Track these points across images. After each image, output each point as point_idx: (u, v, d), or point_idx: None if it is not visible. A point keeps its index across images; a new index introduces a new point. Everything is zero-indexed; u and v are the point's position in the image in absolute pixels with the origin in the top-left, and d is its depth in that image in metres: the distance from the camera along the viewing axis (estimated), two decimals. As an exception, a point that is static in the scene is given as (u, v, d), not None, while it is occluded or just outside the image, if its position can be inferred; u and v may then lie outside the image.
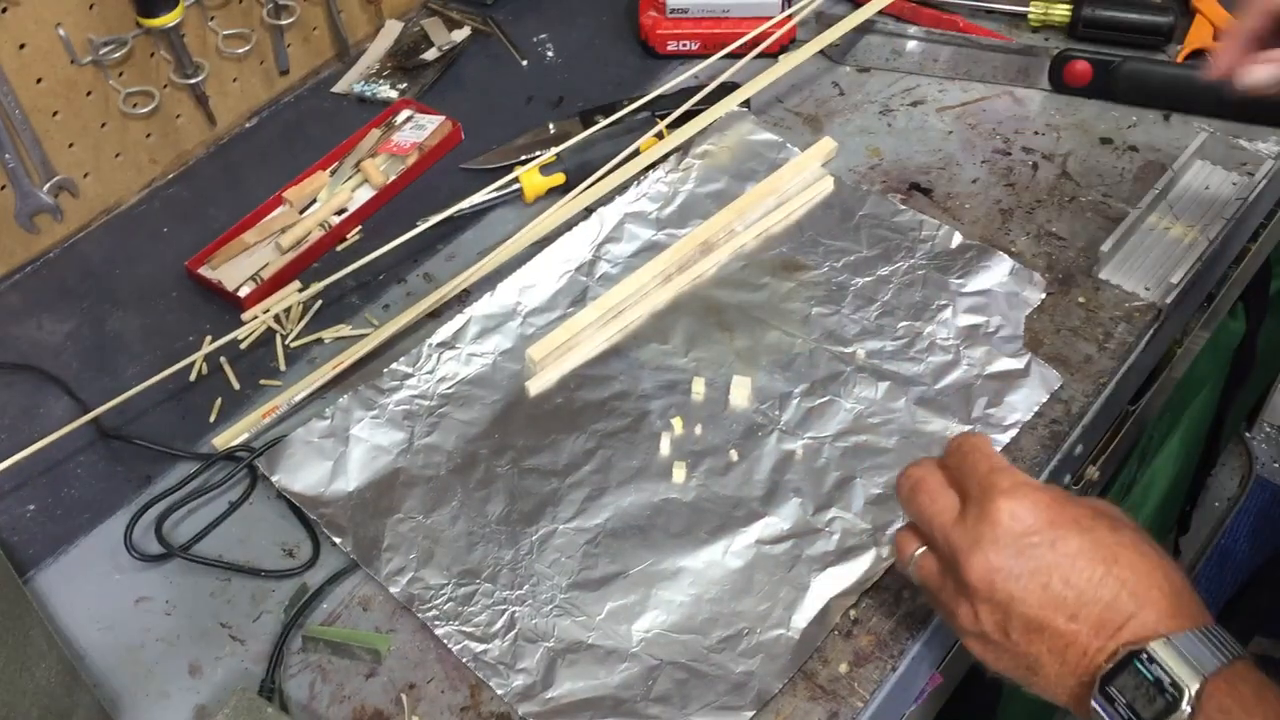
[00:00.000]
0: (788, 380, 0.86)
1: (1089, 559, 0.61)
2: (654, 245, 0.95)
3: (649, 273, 0.92)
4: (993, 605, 0.63)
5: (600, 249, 0.96)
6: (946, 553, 0.65)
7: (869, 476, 0.81)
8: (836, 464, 0.82)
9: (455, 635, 0.75)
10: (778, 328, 0.90)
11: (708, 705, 0.71)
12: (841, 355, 0.88)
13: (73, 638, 0.77)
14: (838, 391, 0.86)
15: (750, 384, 0.86)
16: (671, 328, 0.90)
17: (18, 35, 0.90)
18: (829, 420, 0.84)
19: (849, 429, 0.84)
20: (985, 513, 0.63)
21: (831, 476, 0.81)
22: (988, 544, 0.62)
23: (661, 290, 0.92)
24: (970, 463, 0.65)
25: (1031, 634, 0.62)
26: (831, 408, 0.85)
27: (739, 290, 0.92)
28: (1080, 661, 0.61)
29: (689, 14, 1.11)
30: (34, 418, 0.89)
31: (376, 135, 1.06)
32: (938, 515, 0.65)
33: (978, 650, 0.66)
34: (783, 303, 0.91)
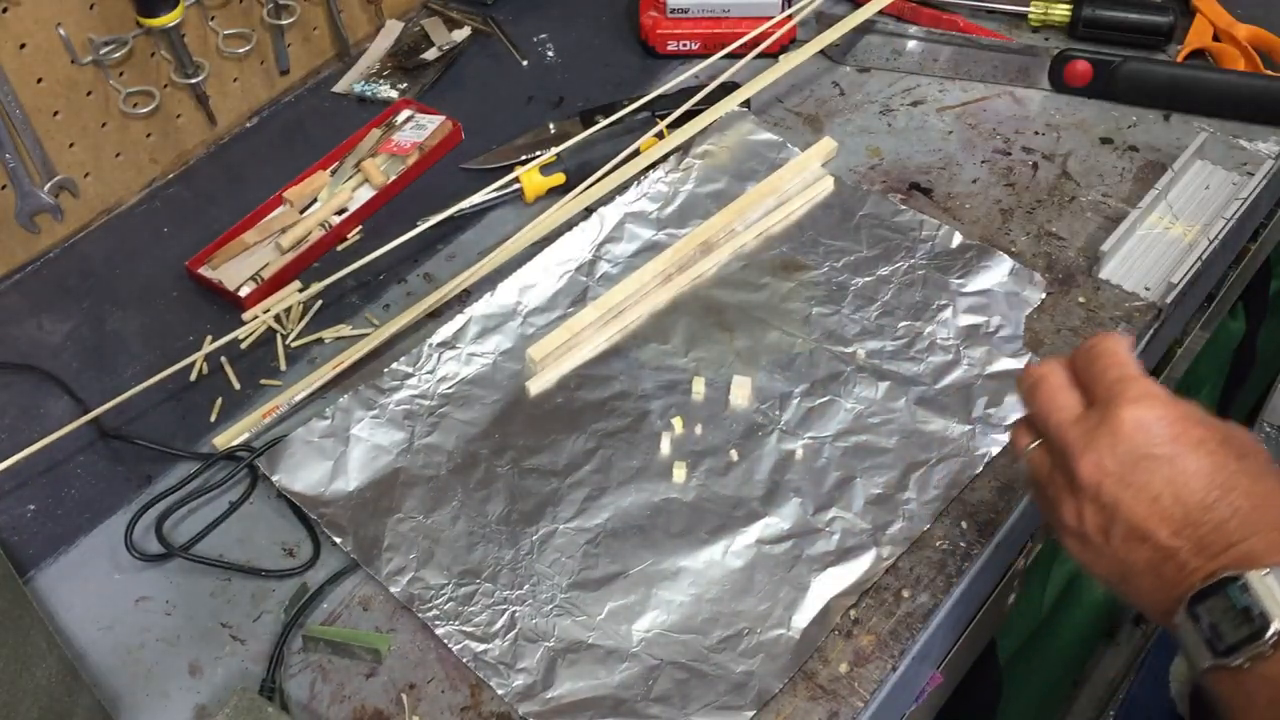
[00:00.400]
0: (788, 380, 0.86)
1: (1205, 481, 0.60)
2: (654, 245, 0.95)
3: (649, 273, 0.92)
4: (1098, 507, 0.62)
5: (600, 249, 0.96)
6: (1060, 449, 0.64)
7: (869, 476, 0.81)
8: (837, 464, 0.82)
9: (455, 635, 0.75)
10: (778, 328, 0.90)
11: (708, 705, 0.71)
12: (842, 355, 0.88)
13: (73, 638, 0.77)
14: (838, 391, 0.86)
15: (750, 384, 0.86)
16: (672, 328, 0.90)
17: (18, 35, 0.90)
18: (829, 420, 0.84)
19: (849, 429, 0.84)
20: (1108, 417, 0.62)
21: (832, 476, 0.81)
22: (1105, 447, 0.62)
23: (662, 290, 0.92)
24: (1100, 366, 0.64)
25: (1132, 542, 0.62)
26: (832, 408, 0.85)
27: (739, 290, 0.92)
28: (1176, 577, 0.60)
29: (689, 14, 1.11)
30: (34, 418, 0.89)
31: (377, 135, 1.06)
32: (1056, 412, 0.65)
33: (1075, 549, 0.65)
34: (783, 303, 0.91)
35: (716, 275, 0.94)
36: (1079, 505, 0.64)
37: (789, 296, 0.92)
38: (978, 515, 0.79)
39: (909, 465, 0.81)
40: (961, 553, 0.78)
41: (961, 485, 0.80)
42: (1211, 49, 1.09)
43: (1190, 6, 1.12)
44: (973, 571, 0.78)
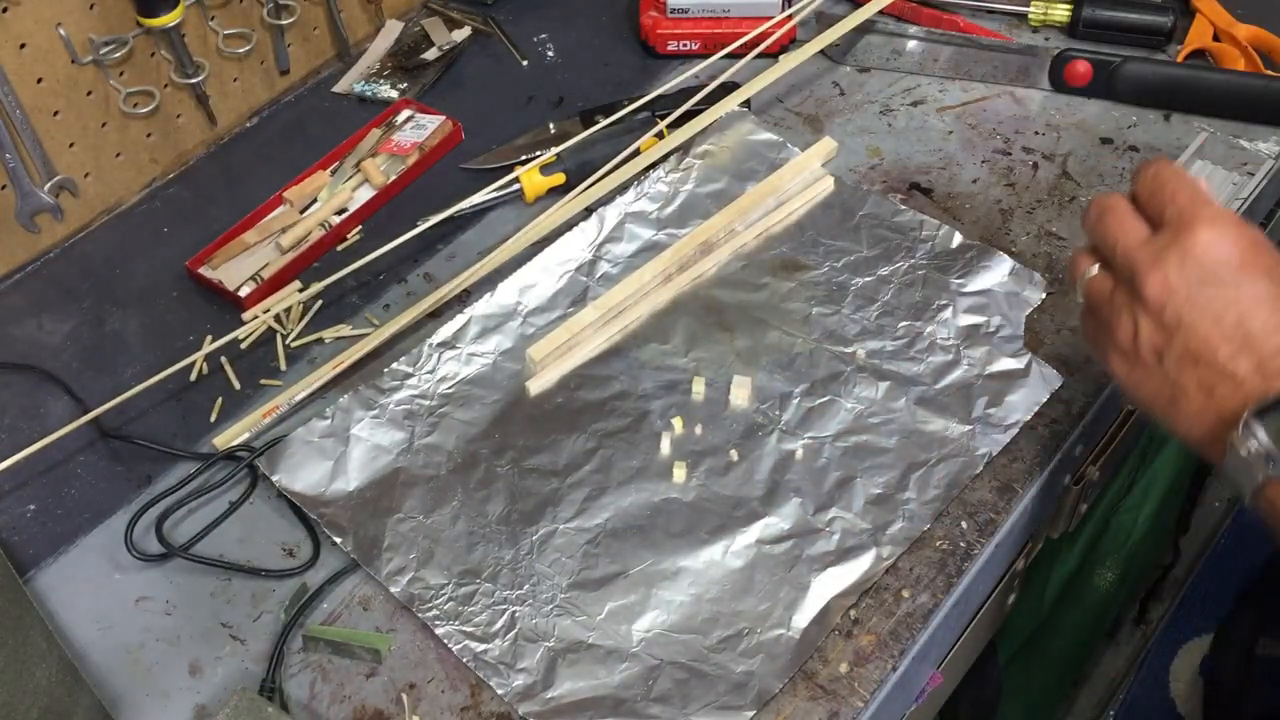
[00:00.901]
0: (788, 380, 0.86)
1: (1271, 307, 0.60)
2: (654, 245, 0.95)
3: (649, 273, 0.92)
4: (1159, 326, 0.62)
5: (600, 249, 0.96)
6: (1127, 269, 0.64)
7: (869, 476, 0.81)
8: (837, 464, 0.82)
9: (455, 635, 0.75)
10: (778, 328, 0.90)
11: (708, 705, 0.71)
12: (842, 355, 0.88)
13: (73, 638, 0.77)
14: (838, 391, 0.86)
15: (750, 384, 0.86)
16: (672, 328, 0.90)
17: (18, 35, 0.90)
18: (829, 420, 0.84)
19: (849, 429, 0.84)
20: (1180, 237, 0.62)
21: (832, 476, 0.81)
22: (1174, 266, 0.62)
23: (662, 290, 0.92)
24: (1170, 190, 0.64)
25: (1186, 364, 0.62)
26: (832, 408, 0.85)
27: (739, 290, 0.92)
28: (1230, 397, 0.60)
29: (689, 14, 1.11)
30: (34, 418, 0.89)
31: (377, 135, 1.06)
32: (1125, 236, 0.65)
33: (1122, 372, 0.65)
34: (783, 303, 0.91)
35: (716, 275, 0.94)
36: (1136, 323, 0.63)
37: (789, 296, 0.92)
38: (978, 515, 0.80)
39: (909, 465, 0.81)
40: (961, 553, 0.78)
41: (961, 485, 0.80)
42: (1211, 49, 1.09)
43: (1190, 6, 1.12)
44: (973, 571, 0.78)
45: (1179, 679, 1.60)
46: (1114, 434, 0.98)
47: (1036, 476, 0.82)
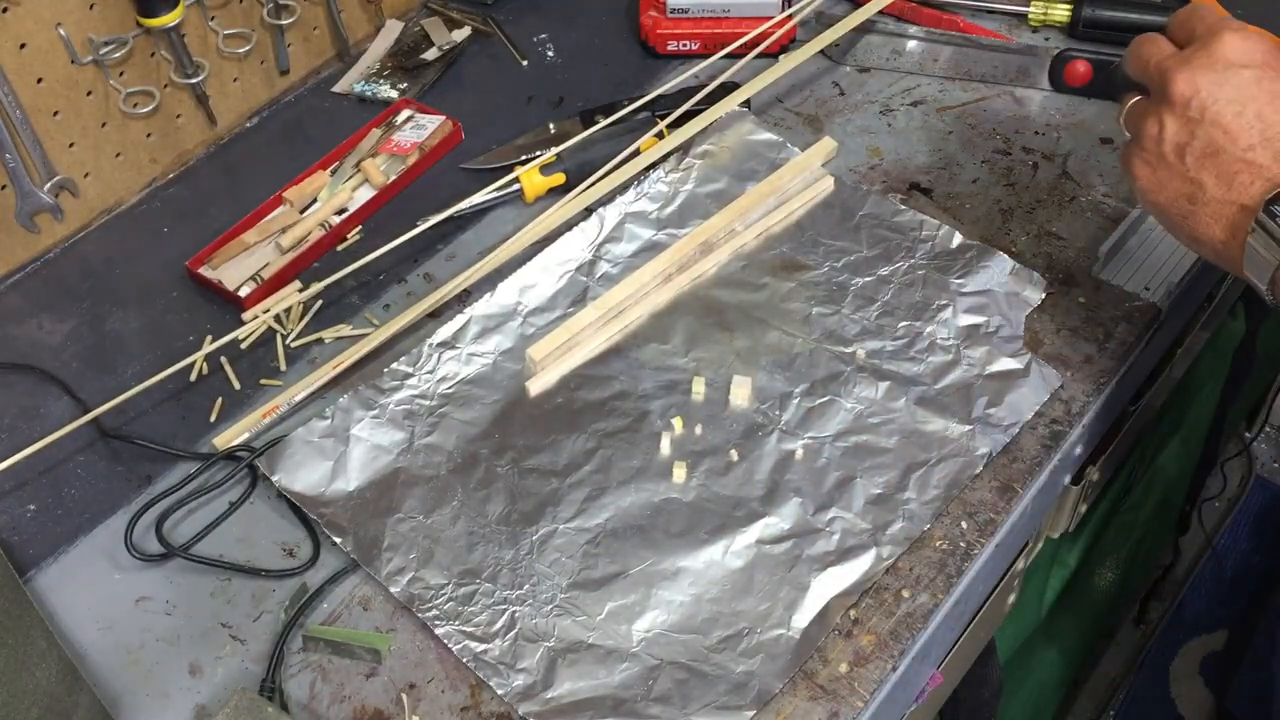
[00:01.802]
0: (788, 380, 0.86)
1: None
2: (654, 245, 0.95)
3: (649, 273, 0.92)
4: (1184, 121, 0.67)
5: (600, 249, 0.96)
6: (1158, 76, 0.69)
7: (869, 476, 0.81)
8: (837, 464, 0.82)
9: (455, 635, 0.75)
10: (778, 328, 0.90)
11: (708, 705, 0.71)
12: (842, 355, 0.88)
13: (73, 638, 0.77)
14: (838, 391, 0.86)
15: (750, 384, 0.86)
16: (671, 328, 0.90)
17: (18, 35, 0.90)
18: (829, 420, 0.84)
19: (849, 429, 0.84)
20: (1207, 44, 0.67)
21: (832, 476, 0.81)
22: (1200, 66, 0.66)
23: (661, 290, 0.92)
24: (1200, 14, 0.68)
25: (1206, 159, 0.65)
26: (832, 408, 0.85)
27: (739, 290, 0.92)
28: (1249, 185, 0.64)
29: (689, 14, 1.11)
30: (34, 418, 0.89)
31: (377, 135, 1.06)
32: (1157, 52, 0.69)
33: (1145, 175, 0.69)
34: (783, 303, 0.91)
35: (716, 275, 0.94)
36: (1162, 121, 0.68)
37: (789, 296, 0.92)
38: (978, 515, 0.80)
39: (909, 465, 0.81)
40: (961, 553, 0.78)
41: (961, 485, 0.80)
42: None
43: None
44: (973, 571, 0.78)
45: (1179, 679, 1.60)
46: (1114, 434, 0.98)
47: (1036, 476, 0.82)
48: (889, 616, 0.75)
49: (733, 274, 0.94)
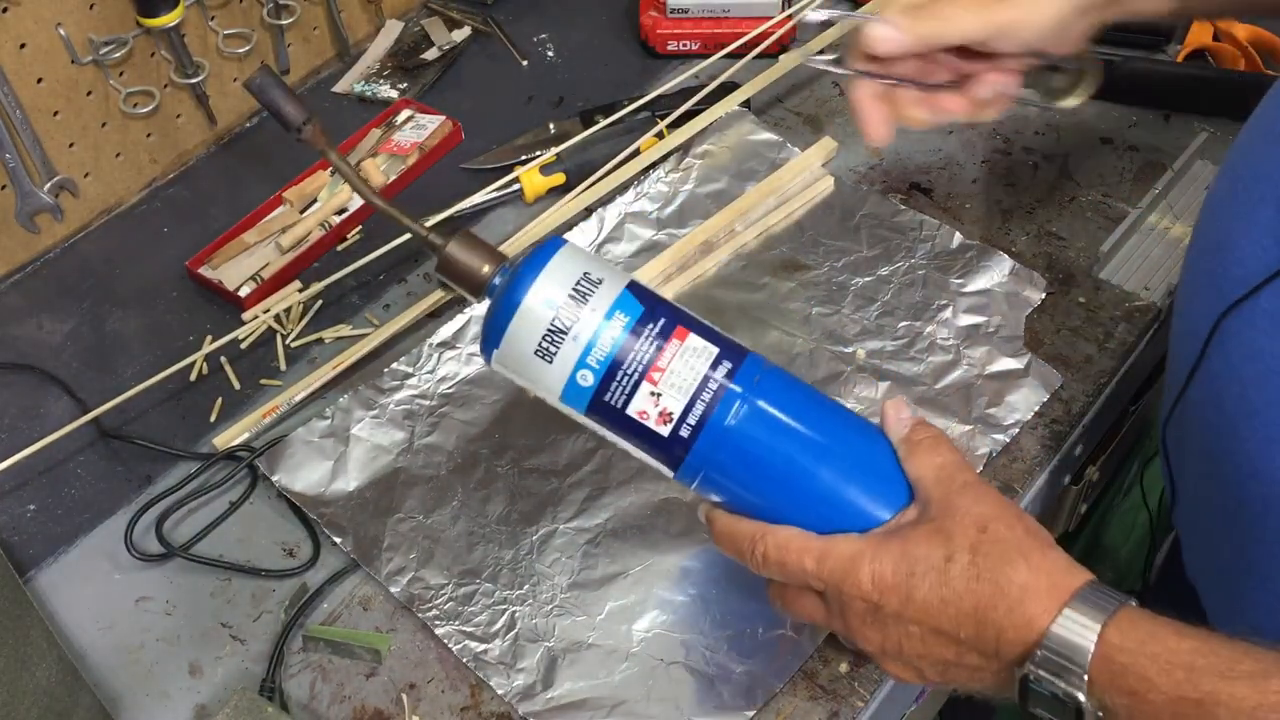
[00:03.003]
0: (788, 380, 0.86)
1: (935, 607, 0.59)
2: (654, 245, 0.95)
3: (649, 273, 0.92)
4: (900, 665, 0.62)
5: (600, 249, 0.96)
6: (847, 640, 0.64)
7: (869, 476, 0.81)
8: (837, 464, 0.82)
9: (455, 635, 0.75)
10: (778, 328, 0.90)
11: (708, 705, 0.71)
12: (842, 355, 0.88)
13: (73, 638, 0.77)
14: (838, 391, 0.86)
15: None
16: (672, 328, 0.90)
17: (18, 35, 0.90)
18: (829, 420, 0.84)
19: (849, 429, 0.83)
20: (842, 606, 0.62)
21: (832, 476, 0.81)
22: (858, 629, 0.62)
23: (662, 290, 0.92)
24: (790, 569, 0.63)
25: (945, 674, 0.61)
26: (832, 408, 0.85)
27: (739, 290, 0.92)
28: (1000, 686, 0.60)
29: (689, 14, 1.11)
30: (34, 418, 0.89)
31: (377, 135, 1.06)
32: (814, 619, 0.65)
33: None
34: (783, 303, 0.91)
35: (716, 275, 0.94)
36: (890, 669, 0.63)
37: (789, 296, 0.92)
38: (978, 515, 0.79)
39: (909, 465, 0.81)
40: (961, 553, 0.78)
41: (961, 485, 0.80)
42: (1211, 49, 1.09)
43: (1190, 6, 1.12)
44: (973, 571, 0.77)
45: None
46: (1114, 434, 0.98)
47: (1036, 476, 0.82)
48: (889, 616, 0.75)
49: (733, 274, 0.94)
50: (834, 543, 0.62)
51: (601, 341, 0.60)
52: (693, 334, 0.62)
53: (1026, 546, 0.59)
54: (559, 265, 0.61)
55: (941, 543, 0.59)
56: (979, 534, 0.59)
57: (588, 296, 0.60)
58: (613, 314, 0.61)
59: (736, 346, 0.63)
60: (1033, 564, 0.58)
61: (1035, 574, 0.58)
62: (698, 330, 0.62)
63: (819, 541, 0.62)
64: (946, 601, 0.59)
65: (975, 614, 0.58)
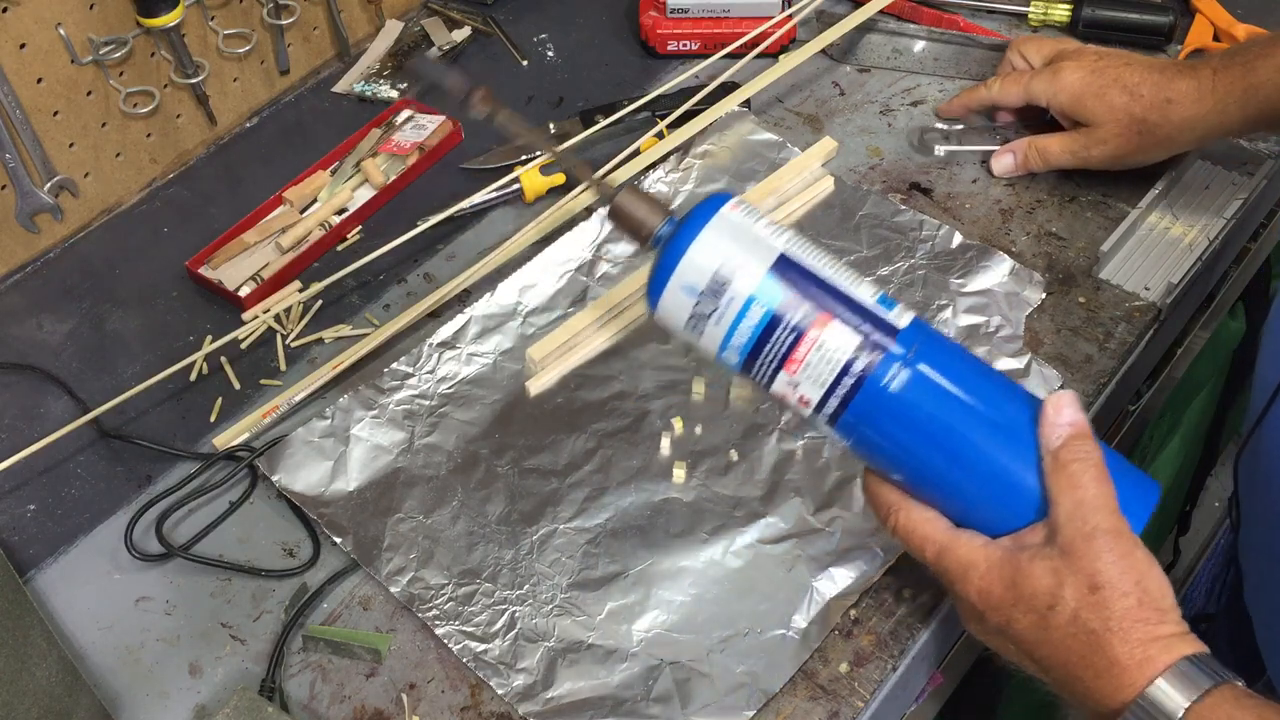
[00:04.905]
0: (788, 380, 0.86)
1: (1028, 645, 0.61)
2: (654, 245, 0.95)
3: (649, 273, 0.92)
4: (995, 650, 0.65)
5: (600, 249, 0.96)
6: None
7: (869, 476, 0.81)
8: (837, 464, 0.82)
9: (455, 635, 0.75)
10: (778, 328, 0.90)
11: (708, 705, 0.71)
12: (842, 355, 0.88)
13: (73, 638, 0.77)
14: (838, 391, 0.85)
15: (751, 384, 0.86)
16: (672, 328, 0.90)
17: (18, 35, 0.90)
18: (829, 420, 0.84)
19: (849, 429, 0.83)
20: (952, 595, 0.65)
21: (831, 476, 0.81)
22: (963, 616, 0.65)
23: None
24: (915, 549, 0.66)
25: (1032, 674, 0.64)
26: (832, 408, 0.85)
27: (739, 290, 0.92)
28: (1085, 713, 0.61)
29: (689, 14, 1.11)
30: (34, 418, 0.89)
31: (377, 135, 1.06)
32: None
33: None
34: (783, 303, 0.91)
35: (716, 275, 0.93)
36: None
37: (789, 296, 0.91)
38: (978, 515, 0.79)
39: (909, 465, 0.81)
40: (961, 553, 0.78)
41: (961, 485, 0.80)
42: (1211, 49, 1.09)
43: (1190, 6, 1.12)
44: (973, 571, 0.78)
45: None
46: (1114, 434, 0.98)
47: (1036, 476, 0.82)
48: (889, 616, 0.75)
49: (733, 274, 0.93)
50: (956, 542, 0.63)
51: (742, 329, 0.61)
52: (835, 321, 0.61)
53: (1131, 620, 0.59)
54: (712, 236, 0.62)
55: (1051, 587, 0.60)
56: (1089, 594, 0.59)
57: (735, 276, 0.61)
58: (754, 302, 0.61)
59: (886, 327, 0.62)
60: (1131, 641, 0.58)
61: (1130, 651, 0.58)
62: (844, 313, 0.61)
63: (944, 535, 0.64)
64: (1041, 643, 0.60)
65: (1065, 666, 0.60)
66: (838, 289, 0.62)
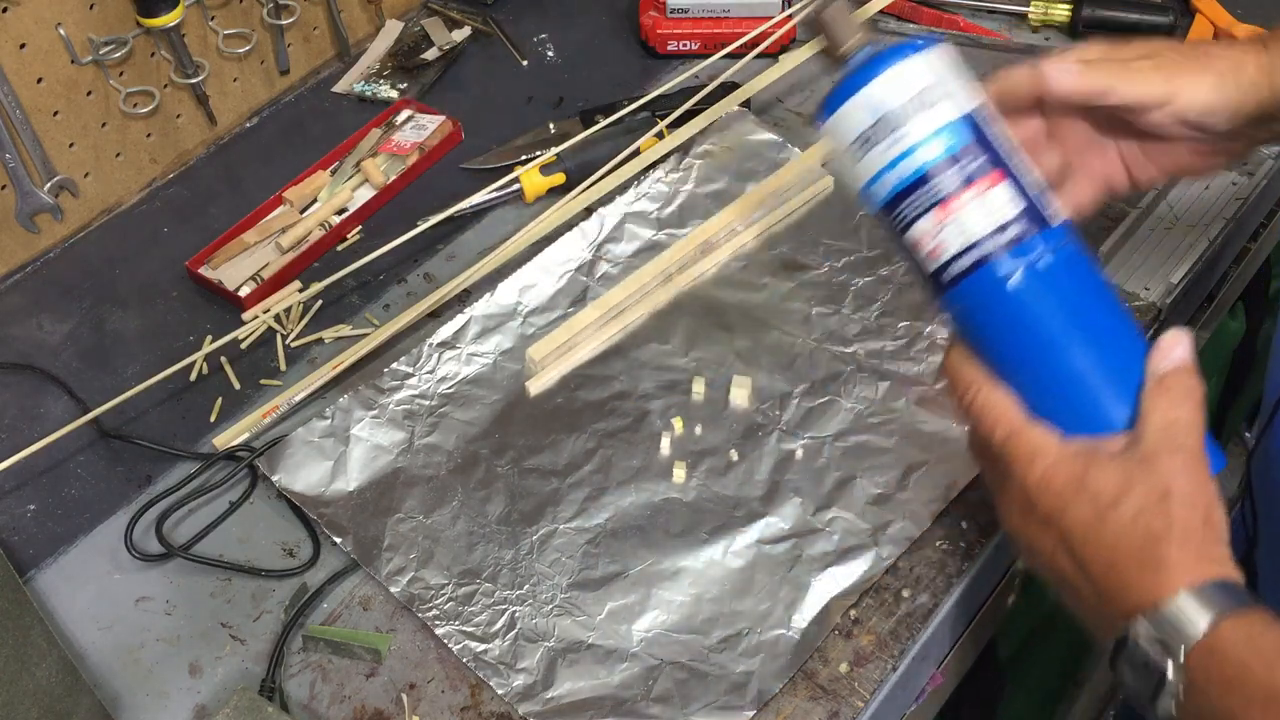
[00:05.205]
0: (788, 380, 0.86)
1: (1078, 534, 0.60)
2: (654, 245, 0.95)
3: (649, 273, 0.92)
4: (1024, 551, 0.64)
5: (600, 249, 0.96)
6: None
7: (869, 476, 0.81)
8: (836, 464, 0.82)
9: (455, 635, 0.75)
10: (778, 328, 0.90)
11: (708, 705, 0.71)
12: (842, 355, 0.88)
13: (73, 638, 0.77)
14: (838, 391, 0.86)
15: (750, 384, 0.86)
16: (672, 328, 0.90)
17: (18, 35, 0.90)
18: (829, 420, 0.84)
19: (849, 429, 0.84)
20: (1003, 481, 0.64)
21: (831, 476, 0.81)
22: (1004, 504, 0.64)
23: (662, 290, 0.92)
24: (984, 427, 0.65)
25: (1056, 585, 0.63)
26: (832, 408, 0.85)
27: (739, 290, 0.92)
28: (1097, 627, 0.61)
29: (689, 14, 1.11)
30: (34, 418, 0.89)
31: (377, 135, 1.06)
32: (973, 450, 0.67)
33: None
34: (783, 303, 0.91)
35: (716, 275, 0.94)
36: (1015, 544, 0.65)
37: (789, 296, 0.92)
38: (978, 515, 0.79)
39: (909, 465, 0.81)
40: (961, 553, 0.78)
41: (961, 485, 0.80)
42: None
43: (1190, 6, 1.12)
44: (973, 571, 0.78)
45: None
46: (1114, 434, 0.98)
47: (1036, 476, 0.82)
48: (889, 616, 0.75)
49: (733, 274, 0.94)
50: (1030, 429, 0.63)
51: (914, 158, 0.60)
52: (1004, 183, 0.61)
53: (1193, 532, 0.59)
54: (916, 65, 0.61)
55: (1120, 486, 0.60)
56: (1158, 500, 0.59)
57: (926, 107, 0.60)
58: (937, 136, 0.60)
59: (1043, 213, 0.61)
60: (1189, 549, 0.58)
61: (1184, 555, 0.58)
62: (1015, 181, 0.61)
63: (1019, 419, 0.63)
64: (1090, 538, 0.60)
65: (1111, 561, 0.59)
66: (1014, 159, 0.62)
